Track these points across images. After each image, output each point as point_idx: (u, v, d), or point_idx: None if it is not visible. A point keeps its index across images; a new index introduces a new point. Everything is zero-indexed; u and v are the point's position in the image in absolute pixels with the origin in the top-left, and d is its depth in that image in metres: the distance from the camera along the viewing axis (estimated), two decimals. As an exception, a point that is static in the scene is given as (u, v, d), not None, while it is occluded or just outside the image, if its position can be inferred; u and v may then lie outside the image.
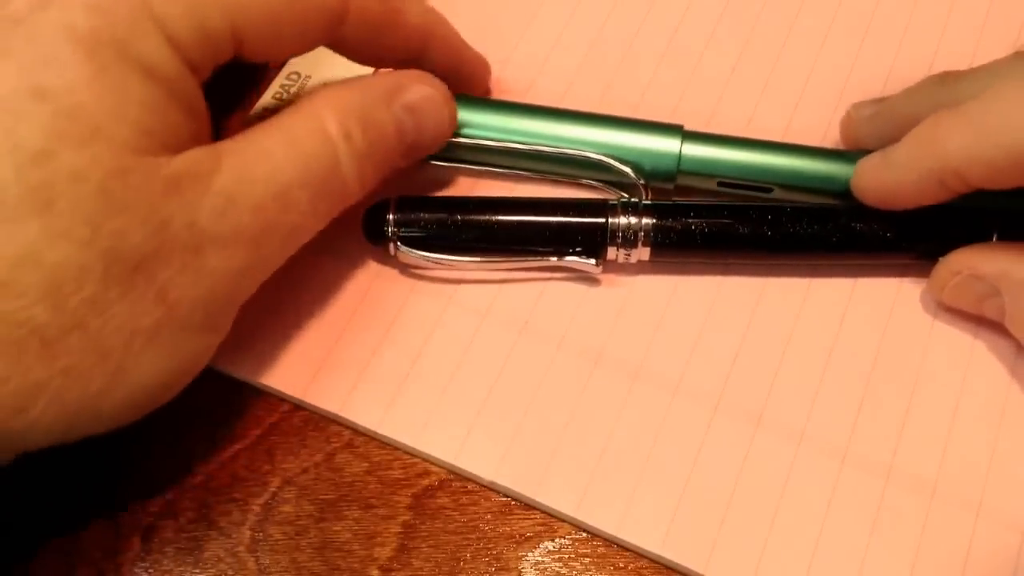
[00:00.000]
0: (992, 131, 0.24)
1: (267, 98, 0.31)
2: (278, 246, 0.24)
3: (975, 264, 0.26)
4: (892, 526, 0.25)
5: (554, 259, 0.28)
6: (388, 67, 0.28)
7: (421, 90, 0.27)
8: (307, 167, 0.23)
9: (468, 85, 0.29)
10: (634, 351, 0.27)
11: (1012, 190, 0.24)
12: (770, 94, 0.31)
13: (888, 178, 0.26)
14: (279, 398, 0.27)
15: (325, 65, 0.32)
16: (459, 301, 0.28)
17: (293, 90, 0.31)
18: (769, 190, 0.28)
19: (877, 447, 0.26)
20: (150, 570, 0.25)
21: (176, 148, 0.21)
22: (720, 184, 0.29)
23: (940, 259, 0.27)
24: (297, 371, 0.27)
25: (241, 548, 0.25)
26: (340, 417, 0.27)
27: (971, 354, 0.27)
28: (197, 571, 0.25)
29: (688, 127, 0.29)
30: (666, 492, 0.25)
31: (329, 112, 0.24)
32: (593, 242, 0.27)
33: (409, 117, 0.26)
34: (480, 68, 0.30)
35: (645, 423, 0.26)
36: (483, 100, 0.30)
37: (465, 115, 0.29)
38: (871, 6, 0.33)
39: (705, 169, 0.28)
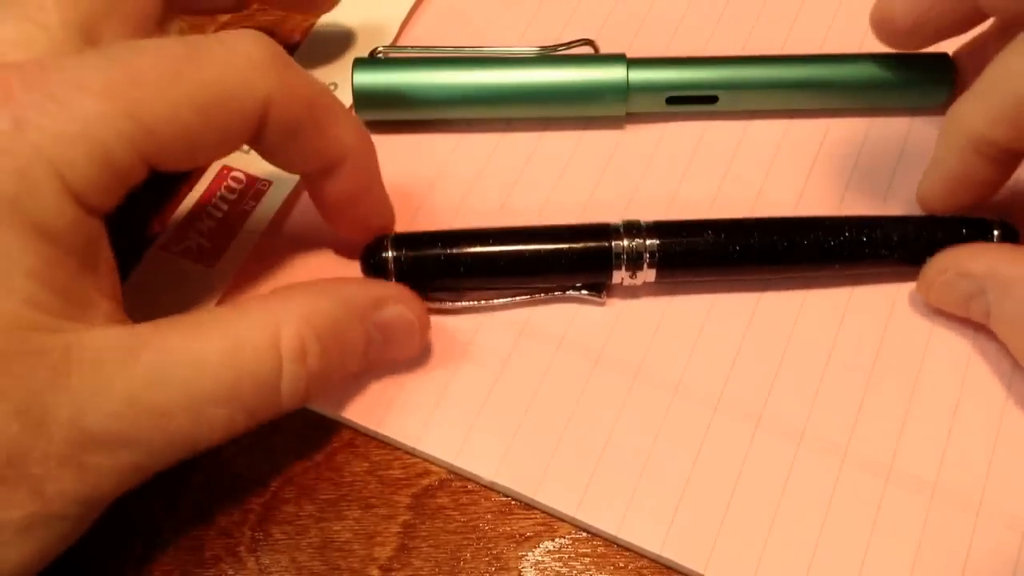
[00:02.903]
0: (1003, 84, 0.24)
1: None
2: (177, 452, 0.21)
3: (963, 262, 0.26)
4: (892, 526, 0.25)
5: (557, 293, 0.28)
6: (297, 172, 0.25)
7: (399, 311, 0.25)
8: (238, 385, 0.21)
9: (364, 218, 0.27)
10: (634, 352, 0.27)
11: None
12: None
13: (937, 176, 0.27)
14: (279, 398, 0.27)
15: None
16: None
17: None
18: (714, 99, 0.30)
19: (877, 447, 0.26)
20: (150, 570, 0.25)
21: (74, 315, 0.20)
22: (669, 100, 0.30)
23: (928, 259, 0.27)
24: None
25: (241, 548, 0.25)
26: (340, 417, 0.27)
27: (971, 354, 0.27)
28: (197, 571, 0.25)
29: None
30: (666, 492, 0.25)
31: (293, 325, 0.22)
32: (597, 267, 0.27)
33: (379, 334, 0.25)
34: (385, 214, 0.27)
35: (645, 423, 0.26)
36: (436, 60, 0.30)
37: (424, 74, 0.30)
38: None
39: (653, 87, 0.30)
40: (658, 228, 0.27)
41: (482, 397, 0.27)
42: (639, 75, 0.30)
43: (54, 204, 0.19)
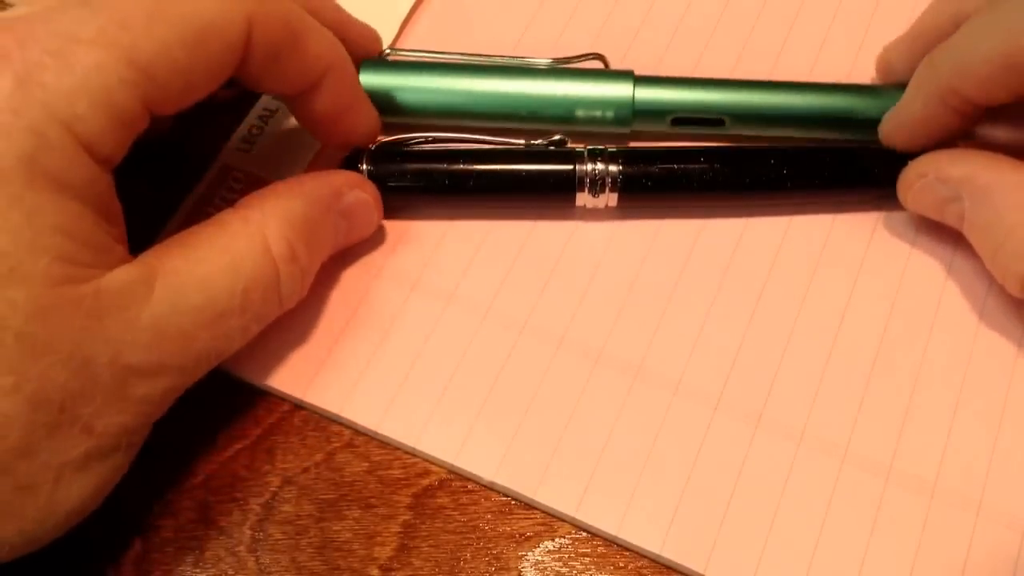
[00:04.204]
0: (975, 41, 0.25)
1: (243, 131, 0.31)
2: (204, 367, 0.23)
3: (942, 166, 0.27)
4: (892, 526, 0.25)
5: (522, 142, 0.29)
6: (283, 94, 0.26)
7: (356, 195, 0.27)
8: (246, 295, 0.23)
9: (352, 128, 0.28)
10: (634, 349, 0.27)
11: None
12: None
13: (902, 116, 0.28)
14: (279, 398, 0.27)
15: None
16: (459, 300, 0.28)
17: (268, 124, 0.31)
18: (721, 123, 0.30)
19: (877, 447, 0.26)
20: (150, 570, 0.25)
21: (96, 262, 0.20)
22: (674, 122, 0.30)
23: (910, 162, 0.28)
24: (297, 371, 0.27)
25: (241, 548, 0.25)
26: (340, 417, 0.27)
27: (971, 353, 0.27)
28: (197, 571, 0.25)
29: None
30: (666, 492, 0.25)
31: (276, 230, 0.24)
32: (562, 188, 0.28)
33: (344, 221, 0.27)
34: (371, 122, 0.28)
35: (645, 423, 0.26)
36: (440, 65, 0.30)
37: (415, 79, 0.30)
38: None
39: (659, 108, 0.30)
40: (622, 154, 0.28)
41: (482, 397, 0.27)
42: (645, 94, 0.29)
43: (70, 159, 0.20)
